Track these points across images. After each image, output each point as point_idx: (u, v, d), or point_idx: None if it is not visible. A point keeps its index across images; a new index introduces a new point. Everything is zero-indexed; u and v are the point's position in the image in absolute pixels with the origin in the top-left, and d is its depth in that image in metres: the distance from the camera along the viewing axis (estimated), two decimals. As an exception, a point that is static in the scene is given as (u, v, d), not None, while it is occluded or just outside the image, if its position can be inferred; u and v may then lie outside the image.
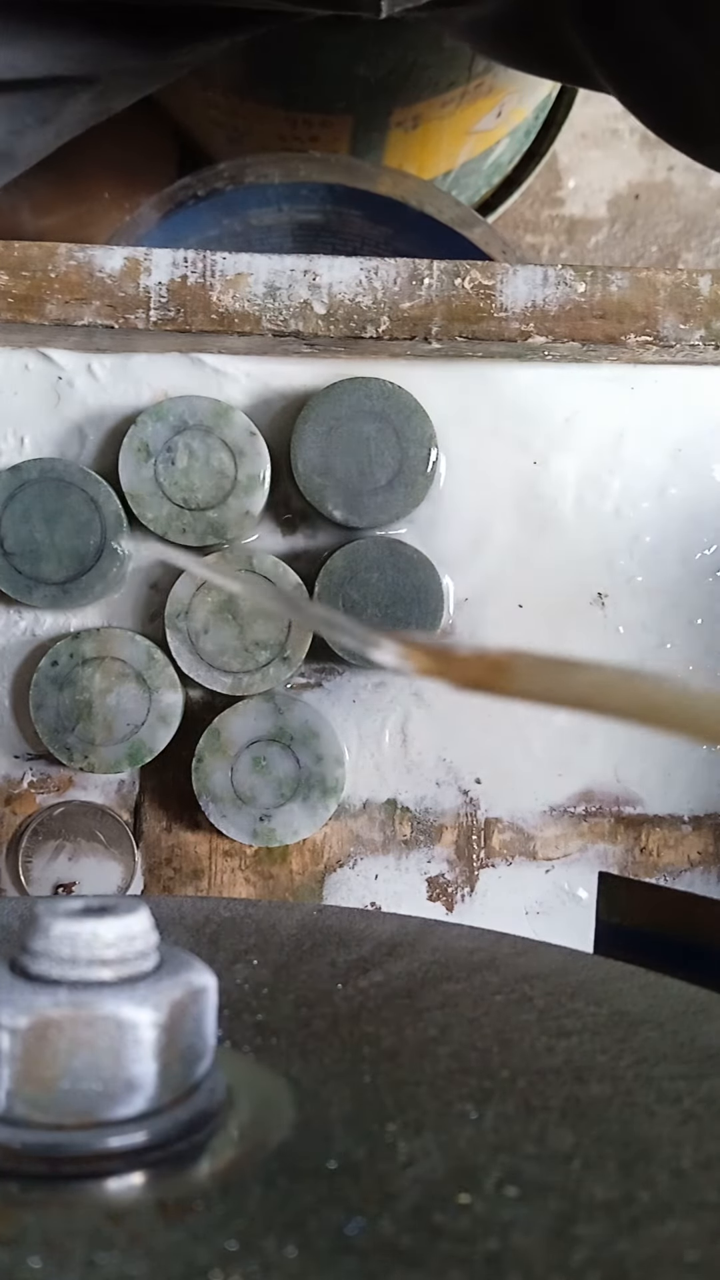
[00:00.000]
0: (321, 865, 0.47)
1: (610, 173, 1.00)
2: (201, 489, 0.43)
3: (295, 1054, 0.21)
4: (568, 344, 0.42)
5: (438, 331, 0.42)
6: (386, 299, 0.42)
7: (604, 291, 0.42)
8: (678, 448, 0.46)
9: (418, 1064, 0.21)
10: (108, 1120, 0.17)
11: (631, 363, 0.45)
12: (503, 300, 0.42)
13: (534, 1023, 0.22)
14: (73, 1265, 0.15)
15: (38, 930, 0.17)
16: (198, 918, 0.29)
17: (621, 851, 0.47)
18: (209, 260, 0.42)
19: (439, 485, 0.45)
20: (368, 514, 0.44)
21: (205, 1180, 0.17)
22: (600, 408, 0.46)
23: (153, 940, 0.18)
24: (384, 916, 0.30)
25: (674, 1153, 0.17)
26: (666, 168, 1.00)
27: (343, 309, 0.42)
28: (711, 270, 0.43)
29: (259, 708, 0.44)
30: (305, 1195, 0.16)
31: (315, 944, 0.27)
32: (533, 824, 0.47)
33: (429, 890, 0.47)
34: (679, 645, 0.47)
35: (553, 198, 1.00)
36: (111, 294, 0.42)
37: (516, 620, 0.46)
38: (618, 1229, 0.15)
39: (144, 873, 0.46)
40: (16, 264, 0.41)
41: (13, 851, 0.46)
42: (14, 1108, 0.17)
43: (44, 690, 0.44)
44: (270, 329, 0.42)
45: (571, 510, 0.46)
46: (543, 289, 0.42)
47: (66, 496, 0.43)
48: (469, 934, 0.28)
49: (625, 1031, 0.22)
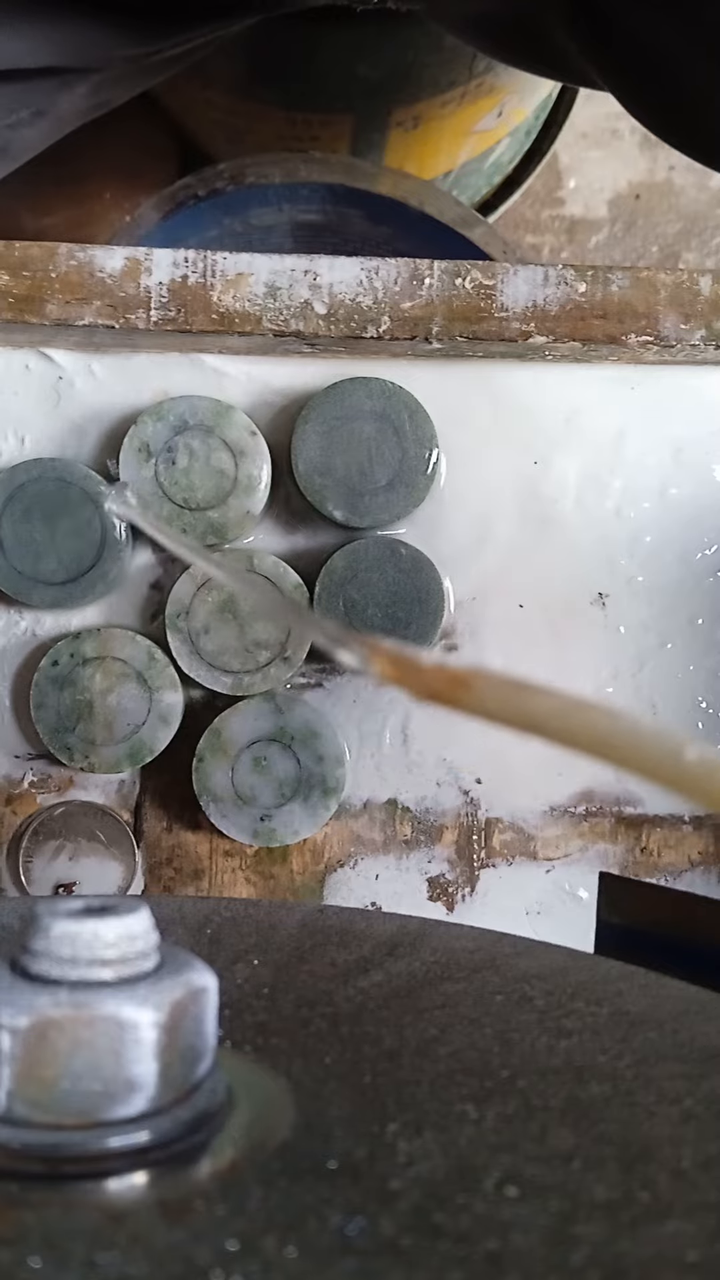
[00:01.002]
0: (322, 865, 0.47)
1: (611, 173, 1.00)
2: (202, 489, 0.43)
3: (295, 1054, 0.21)
4: (568, 344, 0.42)
5: (438, 331, 0.42)
6: (387, 299, 0.42)
7: (605, 291, 0.42)
8: (678, 448, 0.46)
9: (418, 1064, 0.21)
10: (108, 1120, 0.17)
11: (632, 363, 0.45)
12: (503, 300, 0.42)
13: (534, 1023, 0.22)
14: (73, 1265, 0.15)
15: (38, 930, 0.17)
16: (198, 918, 0.29)
17: (622, 851, 0.47)
18: (209, 260, 0.42)
19: (439, 485, 0.45)
20: (368, 514, 0.44)
21: (205, 1180, 0.17)
22: (601, 408, 0.46)
23: (153, 940, 0.18)
24: (384, 916, 0.30)
25: (674, 1153, 0.17)
26: (667, 167, 1.00)
27: (343, 309, 0.42)
28: (712, 270, 0.43)
29: (259, 708, 0.44)
30: (305, 1195, 0.16)
31: (316, 944, 0.27)
32: (533, 824, 0.47)
33: (429, 890, 0.47)
34: (680, 645, 0.47)
35: (553, 198, 1.00)
36: (112, 294, 0.42)
37: (517, 620, 0.46)
38: (618, 1229, 0.15)
39: (144, 873, 0.46)
40: (17, 264, 0.41)
41: (13, 851, 0.46)
42: (14, 1108, 0.17)
43: (44, 690, 0.44)
44: (271, 329, 0.42)
45: (572, 510, 0.46)
46: (543, 289, 0.42)
47: (67, 496, 0.43)
48: (469, 934, 0.28)
49: (625, 1031, 0.22)
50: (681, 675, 0.47)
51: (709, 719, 0.47)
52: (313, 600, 0.44)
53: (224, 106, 0.75)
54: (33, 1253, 0.15)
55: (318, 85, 0.69)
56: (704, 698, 0.47)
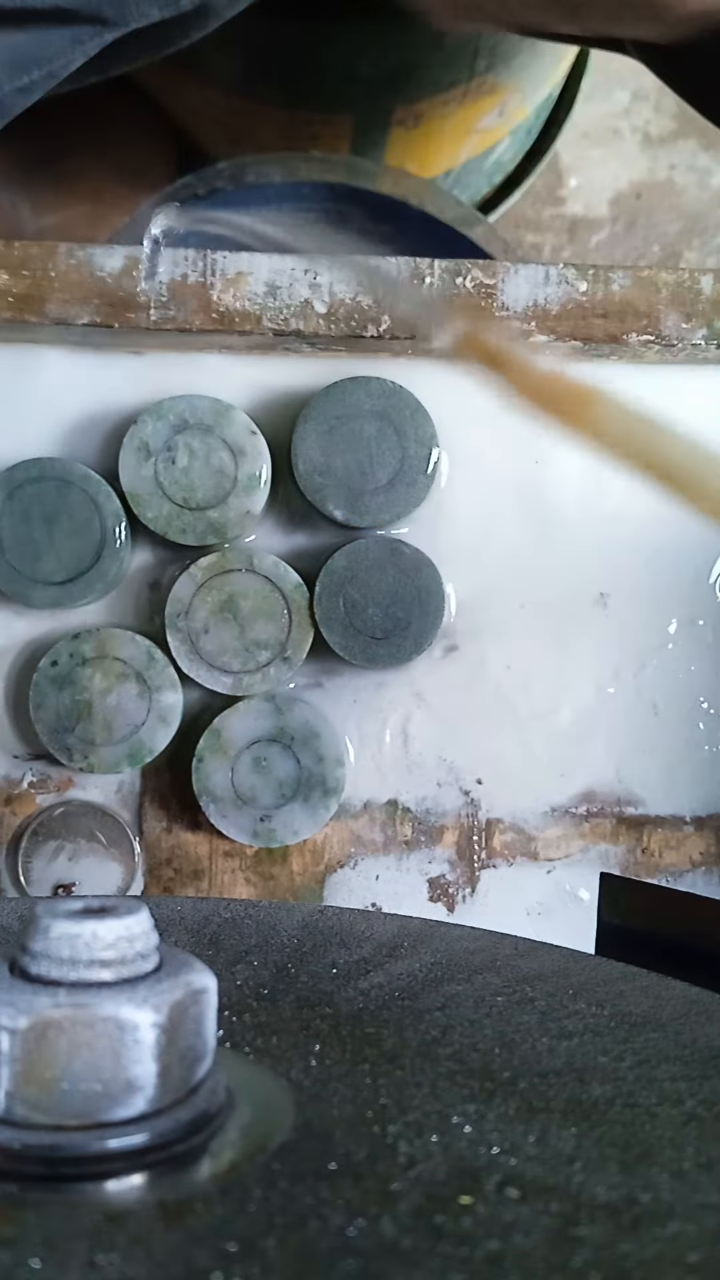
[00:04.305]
0: (322, 866, 0.47)
1: (612, 172, 1.00)
2: (201, 488, 0.43)
3: (296, 1055, 0.21)
4: (569, 343, 0.42)
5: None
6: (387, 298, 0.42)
7: (605, 291, 0.42)
8: (679, 447, 0.46)
9: (419, 1065, 0.20)
10: (108, 1121, 0.17)
11: (633, 362, 0.45)
12: (504, 299, 0.42)
13: (535, 1024, 0.22)
14: (73, 1266, 0.15)
15: (37, 931, 0.17)
16: (198, 918, 0.29)
17: (623, 852, 0.47)
18: (209, 259, 0.42)
19: (440, 485, 0.45)
20: (368, 513, 0.44)
21: (205, 1182, 0.17)
22: (601, 407, 0.46)
23: (153, 941, 0.18)
24: (385, 917, 0.30)
25: (675, 1154, 0.17)
26: (668, 167, 1.00)
27: (343, 308, 0.42)
28: (713, 269, 0.43)
29: (259, 708, 0.44)
30: (306, 1197, 0.16)
31: (316, 945, 0.27)
32: (534, 824, 0.47)
33: (430, 891, 0.47)
34: (680, 645, 0.47)
35: (554, 197, 1.00)
36: (112, 293, 0.42)
37: (518, 620, 0.46)
38: (619, 1230, 0.15)
39: (144, 873, 0.46)
40: (16, 263, 0.41)
41: (13, 852, 0.46)
42: (14, 1109, 0.17)
43: (44, 690, 0.44)
44: (271, 328, 0.42)
45: (573, 510, 0.46)
46: (544, 288, 0.42)
47: (66, 496, 0.43)
48: (470, 935, 0.28)
49: (627, 1033, 0.22)
50: (682, 675, 0.47)
51: (709, 719, 0.47)
52: (313, 600, 0.44)
53: (224, 106, 0.75)
54: (33, 1253, 0.15)
55: (318, 84, 0.69)
56: (704, 698, 0.47)
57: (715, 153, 1.01)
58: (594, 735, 0.47)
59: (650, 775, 0.47)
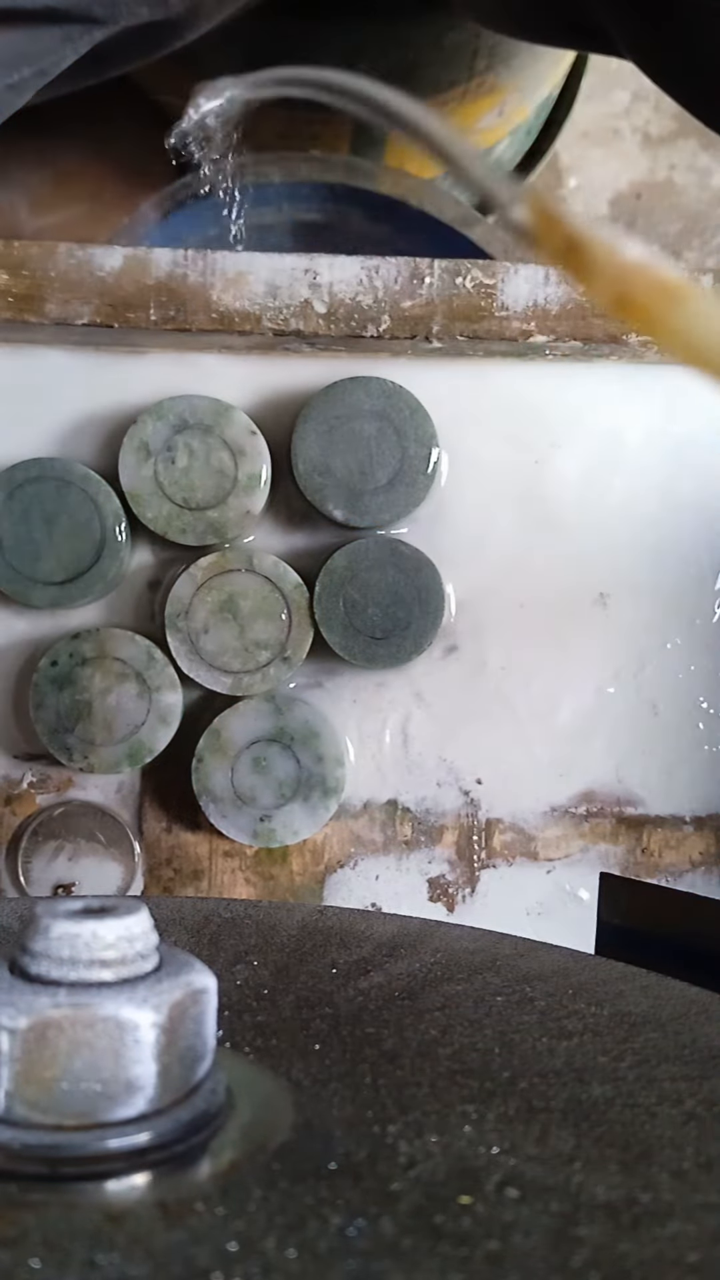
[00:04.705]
0: (322, 866, 0.47)
1: (612, 172, 1.00)
2: (201, 488, 0.43)
3: (296, 1055, 0.21)
4: (569, 343, 0.42)
5: (439, 331, 0.42)
6: (387, 298, 0.42)
7: (605, 291, 0.42)
8: (679, 447, 0.46)
9: (419, 1065, 0.20)
10: (108, 1121, 0.17)
11: (633, 361, 0.45)
12: (504, 299, 0.42)
13: (535, 1024, 0.22)
14: (73, 1266, 0.15)
15: (38, 931, 0.17)
16: (198, 918, 0.29)
17: (623, 852, 0.47)
18: (209, 259, 0.42)
19: (440, 485, 0.45)
20: (368, 513, 0.44)
21: (206, 1181, 0.17)
22: (602, 407, 0.46)
23: (153, 941, 0.18)
24: (385, 917, 0.30)
25: (675, 1154, 0.17)
26: (668, 167, 1.00)
27: (343, 308, 0.42)
28: (713, 270, 0.43)
29: (259, 708, 0.44)
30: (306, 1197, 0.16)
31: (316, 945, 0.27)
32: (534, 824, 0.47)
33: (430, 891, 0.47)
34: (680, 645, 0.47)
35: (554, 197, 1.00)
36: (111, 293, 0.42)
37: (518, 620, 0.46)
38: (619, 1230, 0.15)
39: (144, 873, 0.46)
40: (16, 263, 0.41)
41: (13, 852, 0.46)
42: (14, 1108, 0.17)
43: (44, 690, 0.44)
44: (271, 328, 0.42)
45: (573, 509, 0.46)
46: (544, 288, 0.42)
47: (66, 496, 0.43)
48: (470, 935, 0.28)
49: (627, 1032, 0.22)
50: (682, 675, 0.47)
51: (709, 719, 0.47)
52: (312, 600, 0.44)
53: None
54: (33, 1253, 0.15)
55: (318, 84, 0.69)
56: (704, 698, 0.47)
57: (715, 153, 1.01)
58: (594, 735, 0.47)
59: (650, 775, 0.47)
